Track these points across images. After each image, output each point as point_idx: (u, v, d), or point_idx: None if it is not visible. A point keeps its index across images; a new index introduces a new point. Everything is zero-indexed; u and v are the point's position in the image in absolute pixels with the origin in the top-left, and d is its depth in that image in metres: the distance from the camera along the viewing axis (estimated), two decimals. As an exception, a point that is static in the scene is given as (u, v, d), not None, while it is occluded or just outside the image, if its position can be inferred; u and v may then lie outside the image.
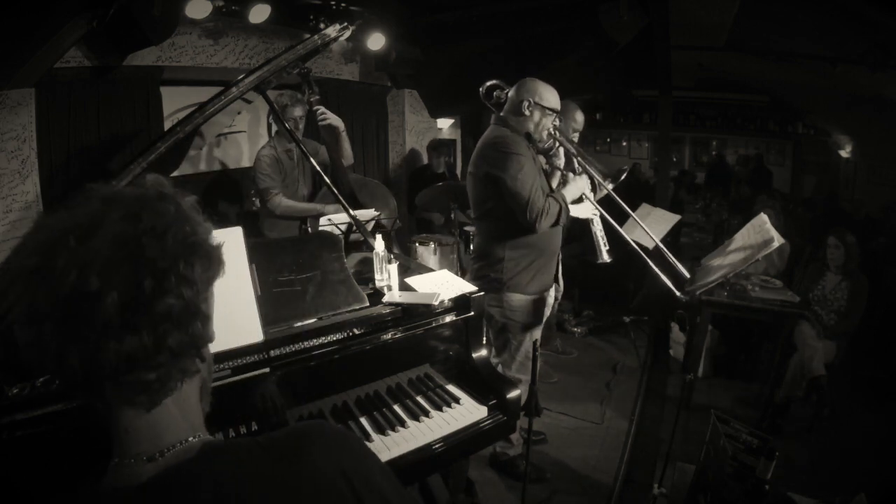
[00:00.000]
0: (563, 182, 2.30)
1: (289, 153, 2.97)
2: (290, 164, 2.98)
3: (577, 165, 2.34)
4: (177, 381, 0.62)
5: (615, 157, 9.46)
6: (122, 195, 0.61)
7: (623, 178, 2.31)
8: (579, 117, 2.88)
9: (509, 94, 2.30)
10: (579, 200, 2.45)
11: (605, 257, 2.44)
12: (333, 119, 2.85)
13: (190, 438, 0.63)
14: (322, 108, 2.82)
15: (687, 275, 2.29)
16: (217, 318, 0.65)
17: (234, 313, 1.29)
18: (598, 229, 2.44)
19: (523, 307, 2.29)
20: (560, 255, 2.49)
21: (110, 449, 0.61)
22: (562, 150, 2.35)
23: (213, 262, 0.64)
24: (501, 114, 2.29)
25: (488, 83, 2.45)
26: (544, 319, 2.44)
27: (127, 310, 0.55)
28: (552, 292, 3.09)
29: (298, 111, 2.86)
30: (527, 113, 2.20)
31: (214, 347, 0.69)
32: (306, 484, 0.60)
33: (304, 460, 0.62)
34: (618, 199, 2.39)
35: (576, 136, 2.85)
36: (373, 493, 0.62)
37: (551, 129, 2.26)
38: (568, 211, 2.21)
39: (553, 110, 2.23)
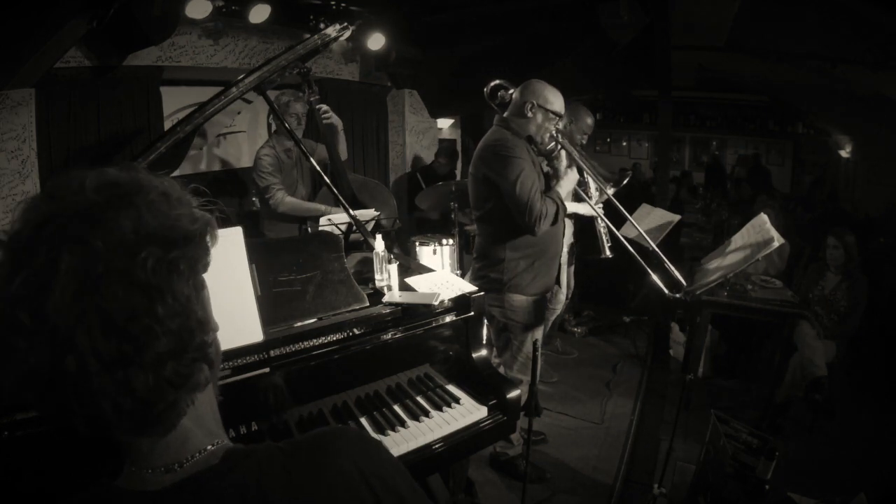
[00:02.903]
0: (556, 178, 2.28)
1: (288, 153, 2.98)
2: (290, 164, 2.99)
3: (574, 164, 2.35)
4: (188, 401, 0.58)
5: (615, 157, 9.47)
6: (60, 214, 0.50)
7: (626, 181, 2.31)
8: (589, 121, 2.88)
9: (513, 96, 2.28)
10: (581, 200, 2.46)
11: (608, 253, 2.59)
12: (334, 118, 2.94)
13: (209, 446, 0.60)
14: (326, 107, 2.91)
15: (683, 282, 2.30)
16: (217, 319, 0.61)
17: (234, 313, 1.29)
18: (602, 226, 2.51)
19: (524, 308, 2.29)
20: (562, 257, 2.50)
21: (116, 449, 0.60)
22: (563, 152, 2.34)
23: (199, 262, 0.57)
24: (505, 115, 2.27)
25: (493, 83, 2.42)
26: (551, 320, 2.46)
27: (116, 369, 0.50)
28: (560, 296, 3.11)
29: (299, 109, 2.88)
30: (529, 115, 2.19)
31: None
32: (328, 489, 0.60)
33: (327, 465, 0.61)
34: (618, 204, 2.39)
35: (584, 140, 2.86)
36: (391, 494, 0.62)
37: (553, 132, 2.25)
38: (565, 209, 2.21)
39: (556, 114, 2.21)
